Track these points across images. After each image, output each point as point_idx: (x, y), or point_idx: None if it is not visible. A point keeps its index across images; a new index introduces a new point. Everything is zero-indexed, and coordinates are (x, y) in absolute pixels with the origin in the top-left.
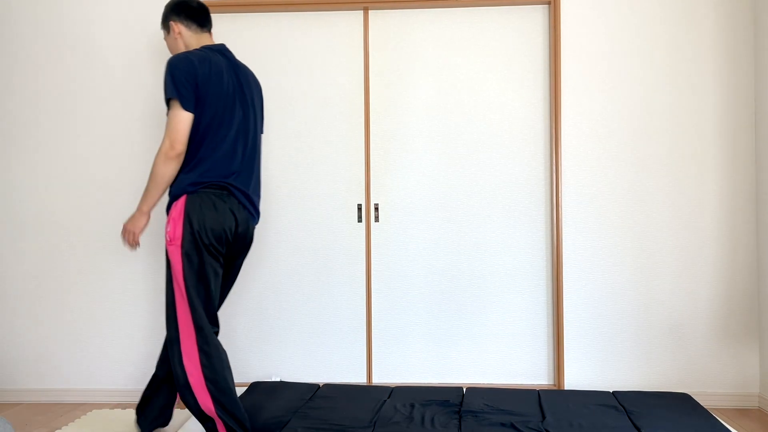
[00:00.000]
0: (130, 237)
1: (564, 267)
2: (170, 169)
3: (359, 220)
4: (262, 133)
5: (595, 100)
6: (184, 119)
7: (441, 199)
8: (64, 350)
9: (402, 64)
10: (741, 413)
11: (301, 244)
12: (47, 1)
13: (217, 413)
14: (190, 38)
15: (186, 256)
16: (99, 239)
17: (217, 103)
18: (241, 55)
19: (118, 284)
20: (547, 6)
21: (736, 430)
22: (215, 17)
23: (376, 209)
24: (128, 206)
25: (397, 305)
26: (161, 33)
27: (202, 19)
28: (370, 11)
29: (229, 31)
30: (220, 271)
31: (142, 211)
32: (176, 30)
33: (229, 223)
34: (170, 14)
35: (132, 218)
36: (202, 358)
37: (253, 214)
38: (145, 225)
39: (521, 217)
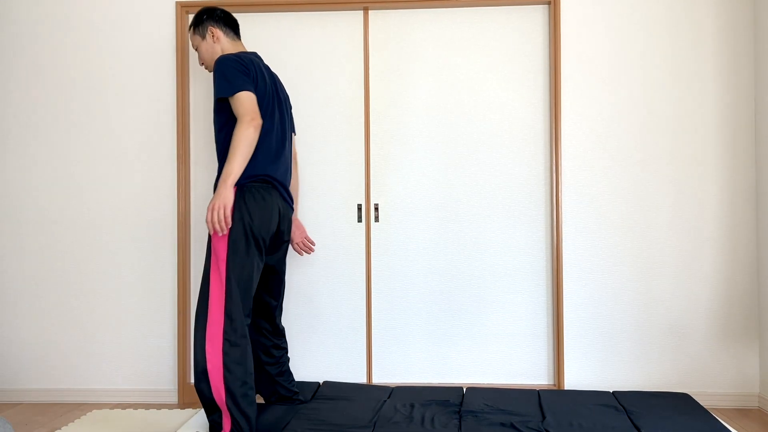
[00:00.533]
0: (221, 213)
1: (564, 267)
2: (252, 135)
3: (359, 220)
4: (294, 134)
5: (595, 100)
6: (251, 97)
7: (441, 199)
8: (64, 350)
9: (402, 64)
10: (741, 413)
11: None
12: (47, 2)
13: (227, 405)
14: (227, 43)
15: (233, 244)
16: (99, 239)
17: (262, 100)
18: None
19: (117, 284)
20: (547, 6)
21: (736, 430)
22: None
23: (376, 209)
24: (128, 206)
25: (397, 305)
26: (161, 33)
27: (236, 27)
28: (370, 11)
29: None
30: (262, 265)
31: (227, 184)
32: (215, 36)
33: (275, 217)
34: (208, 20)
35: (218, 195)
36: (226, 345)
37: (291, 206)
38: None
39: (521, 217)
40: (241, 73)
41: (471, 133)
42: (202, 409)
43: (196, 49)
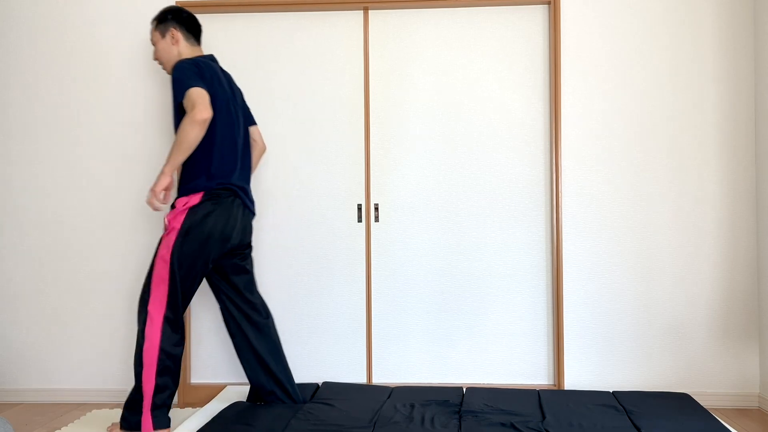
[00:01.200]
0: (160, 197)
1: (564, 267)
2: (195, 134)
3: (359, 220)
4: (254, 124)
5: (595, 99)
6: (203, 93)
7: (441, 199)
8: (65, 350)
9: (402, 64)
10: (741, 413)
11: (301, 244)
12: (47, 2)
13: (156, 381)
14: (185, 48)
15: (186, 245)
16: (99, 239)
17: (220, 104)
18: (241, 55)
19: (118, 285)
20: (547, 6)
21: (736, 430)
22: (215, 17)
23: (376, 209)
24: (127, 206)
25: (397, 305)
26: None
27: (198, 33)
28: (370, 11)
29: (229, 30)
30: (205, 272)
31: (165, 172)
32: (174, 37)
33: (237, 226)
34: (171, 21)
35: (159, 183)
36: (166, 327)
37: (252, 211)
38: (169, 185)
39: (521, 217)
40: (195, 74)
41: (471, 133)
42: (202, 408)
43: (153, 44)
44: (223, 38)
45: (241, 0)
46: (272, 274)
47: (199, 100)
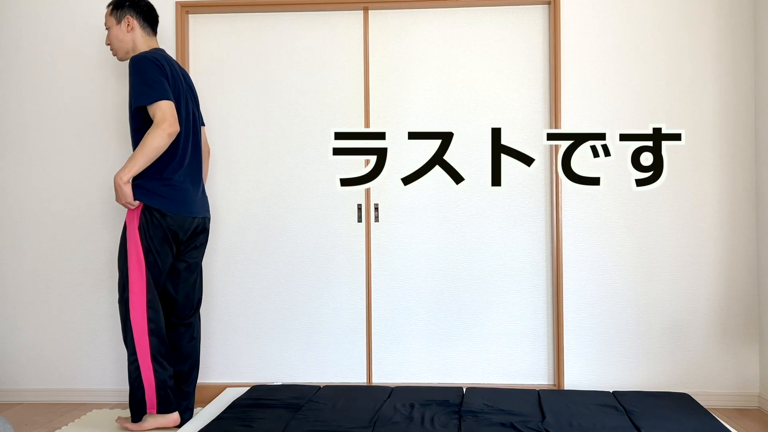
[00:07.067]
0: (128, 205)
1: (564, 267)
2: (163, 143)
3: (359, 220)
4: (204, 125)
5: (595, 99)
6: (171, 106)
7: (441, 199)
8: (64, 350)
9: (402, 64)
10: (741, 413)
11: (301, 244)
12: (47, 2)
13: (153, 367)
14: (140, 38)
15: (143, 228)
16: (99, 239)
17: (177, 101)
18: (241, 55)
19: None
20: (547, 6)
21: (736, 430)
22: (214, 17)
23: (376, 209)
24: None
25: (397, 305)
26: (161, 34)
27: (155, 24)
28: (370, 11)
29: (229, 31)
30: (171, 259)
31: (125, 180)
32: (130, 25)
33: (189, 223)
34: (129, 8)
35: (121, 194)
36: (150, 312)
37: (206, 212)
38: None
39: (521, 217)
40: (161, 79)
41: (470, 132)
42: (203, 409)
43: (106, 29)
44: (224, 38)
45: (241, 0)
46: (272, 275)
47: (169, 114)
